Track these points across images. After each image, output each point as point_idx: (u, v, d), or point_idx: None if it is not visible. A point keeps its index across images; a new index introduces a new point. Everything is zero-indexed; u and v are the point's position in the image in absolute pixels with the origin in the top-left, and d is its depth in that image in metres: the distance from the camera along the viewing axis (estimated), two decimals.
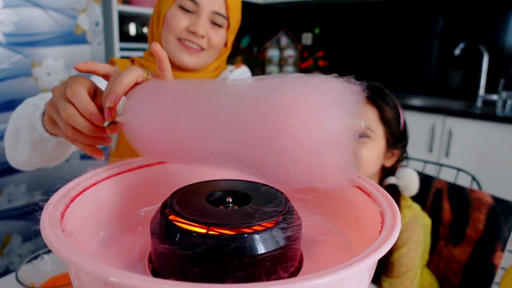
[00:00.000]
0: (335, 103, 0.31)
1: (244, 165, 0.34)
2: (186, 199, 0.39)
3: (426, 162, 1.29)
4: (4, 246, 1.44)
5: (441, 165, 1.28)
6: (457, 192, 1.05)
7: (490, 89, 2.40)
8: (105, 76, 0.51)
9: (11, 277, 0.68)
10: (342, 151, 0.31)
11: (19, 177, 1.42)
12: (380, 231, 0.33)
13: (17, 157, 0.71)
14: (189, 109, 0.37)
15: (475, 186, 1.15)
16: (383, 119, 0.90)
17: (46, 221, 0.30)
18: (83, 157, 1.56)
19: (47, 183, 1.48)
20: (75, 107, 0.45)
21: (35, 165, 0.73)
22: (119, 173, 0.45)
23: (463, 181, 1.17)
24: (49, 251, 0.68)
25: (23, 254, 1.48)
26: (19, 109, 0.70)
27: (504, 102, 2.26)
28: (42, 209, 0.33)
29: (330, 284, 0.26)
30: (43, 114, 0.63)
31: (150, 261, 0.39)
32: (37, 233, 1.49)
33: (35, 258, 0.66)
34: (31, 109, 0.67)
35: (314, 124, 0.30)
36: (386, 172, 0.97)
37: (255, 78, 0.35)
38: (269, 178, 0.34)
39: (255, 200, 0.39)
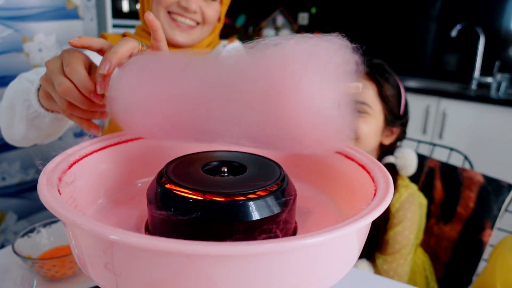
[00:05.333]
0: (331, 70, 0.31)
1: (247, 141, 0.34)
2: (182, 169, 0.40)
3: (419, 141, 1.30)
4: None
5: (434, 144, 1.29)
6: (449, 171, 1.06)
7: (485, 71, 2.41)
8: (100, 51, 0.50)
9: (7, 249, 0.69)
10: (342, 116, 0.31)
11: (12, 154, 1.41)
12: (372, 199, 0.33)
13: (13, 133, 0.71)
14: (184, 83, 0.36)
15: (467, 166, 1.17)
16: (382, 96, 0.90)
17: (43, 183, 0.30)
18: (77, 135, 1.55)
19: (41, 161, 1.48)
20: (72, 82, 0.45)
21: (32, 141, 0.72)
22: (116, 144, 0.45)
23: (456, 161, 1.19)
24: (45, 225, 0.69)
25: (18, 231, 1.49)
26: (14, 84, 0.69)
27: (499, 84, 2.26)
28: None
29: (320, 244, 0.27)
30: (38, 89, 0.63)
31: (147, 229, 0.40)
32: (32, 211, 1.49)
33: (32, 231, 0.67)
34: (25, 84, 0.66)
35: (313, 97, 0.30)
36: (384, 150, 0.97)
37: (248, 46, 0.35)
38: (272, 149, 0.34)
39: (251, 170, 0.40)
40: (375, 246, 0.91)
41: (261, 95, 0.31)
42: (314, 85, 0.30)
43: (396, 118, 0.93)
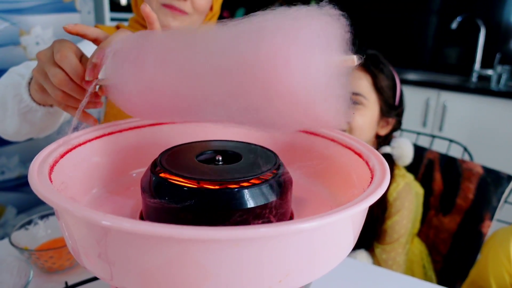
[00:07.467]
0: (322, 42, 0.30)
1: (240, 116, 0.33)
2: (176, 158, 0.39)
3: (419, 133, 1.29)
4: None
5: (434, 136, 1.29)
6: (448, 163, 1.06)
7: (485, 64, 2.39)
8: (95, 41, 0.49)
9: (4, 242, 0.68)
10: (334, 90, 0.31)
11: (11, 149, 1.41)
12: (369, 186, 0.33)
13: (6, 128, 0.70)
14: (179, 63, 0.35)
15: (466, 158, 1.16)
16: (377, 87, 0.90)
17: (34, 171, 0.30)
18: (76, 130, 1.55)
19: None
20: (65, 72, 0.44)
21: (25, 135, 0.72)
22: (110, 133, 0.44)
23: (455, 153, 1.18)
24: (42, 217, 0.68)
25: None
26: (4, 79, 0.68)
27: (499, 77, 2.25)
28: None
29: (314, 230, 0.26)
30: (29, 83, 0.62)
31: (141, 219, 0.39)
32: (32, 205, 1.49)
33: (29, 223, 0.67)
34: (16, 79, 0.65)
35: (305, 68, 0.29)
36: (380, 141, 0.97)
37: (240, 20, 0.34)
38: (265, 125, 0.34)
39: (245, 159, 0.39)
40: (373, 236, 0.92)
41: (252, 68, 0.30)
42: (304, 55, 0.29)
43: (391, 109, 0.93)
